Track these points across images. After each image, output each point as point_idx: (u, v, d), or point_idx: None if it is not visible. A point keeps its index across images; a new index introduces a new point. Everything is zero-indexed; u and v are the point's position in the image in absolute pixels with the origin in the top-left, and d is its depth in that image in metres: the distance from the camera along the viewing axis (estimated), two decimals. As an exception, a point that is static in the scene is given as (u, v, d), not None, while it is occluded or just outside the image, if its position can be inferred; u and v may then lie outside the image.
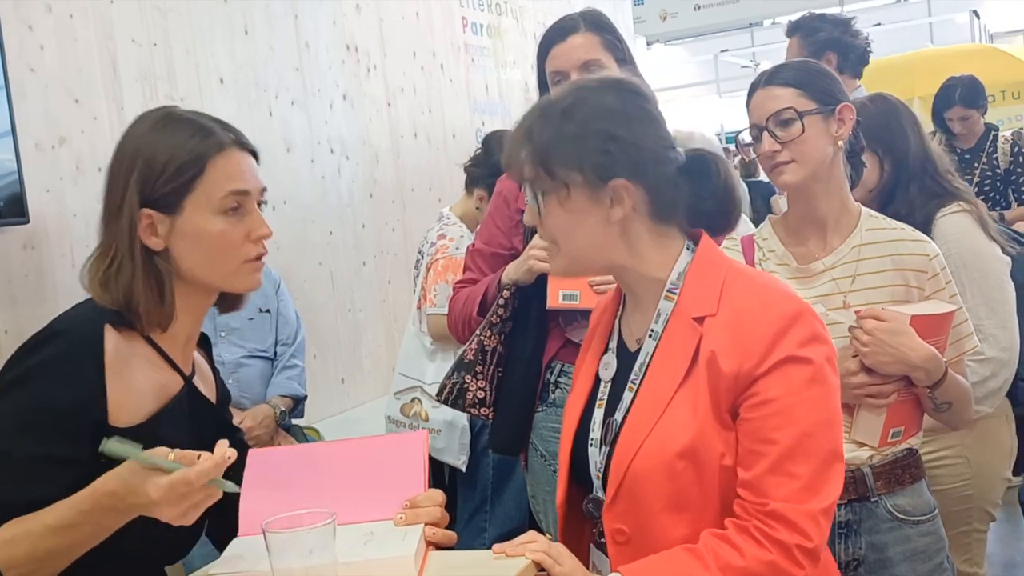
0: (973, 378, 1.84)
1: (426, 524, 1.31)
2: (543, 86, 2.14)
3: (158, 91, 3.11)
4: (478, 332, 2.07)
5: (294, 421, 3.03)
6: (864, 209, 1.81)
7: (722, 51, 13.47)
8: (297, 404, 3.05)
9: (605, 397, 1.39)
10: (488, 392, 2.10)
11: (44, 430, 1.24)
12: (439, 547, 1.33)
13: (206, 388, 1.48)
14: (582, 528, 1.44)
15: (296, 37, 3.77)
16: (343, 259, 3.94)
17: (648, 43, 11.41)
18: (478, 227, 3.39)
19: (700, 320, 1.28)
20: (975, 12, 12.02)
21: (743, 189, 1.32)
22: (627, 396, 1.34)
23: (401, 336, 3.40)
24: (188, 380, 1.41)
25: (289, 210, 3.66)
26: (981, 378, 1.92)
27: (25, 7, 2.72)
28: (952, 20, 12.49)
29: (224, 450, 1.19)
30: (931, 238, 1.84)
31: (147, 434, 1.28)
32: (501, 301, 2.04)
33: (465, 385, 2.09)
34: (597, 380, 1.42)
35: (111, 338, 1.28)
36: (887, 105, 2.09)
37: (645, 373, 1.32)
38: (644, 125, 1.32)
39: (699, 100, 13.47)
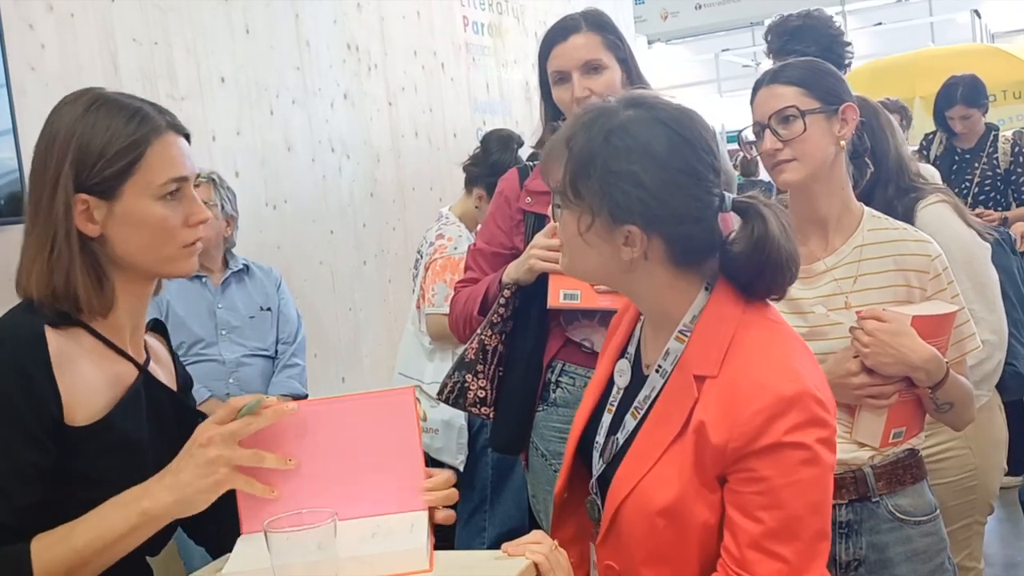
0: (968, 362, 1.85)
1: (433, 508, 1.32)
2: (544, 85, 2.14)
3: (159, 90, 3.11)
4: (479, 331, 2.07)
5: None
6: (867, 209, 1.81)
7: (723, 50, 13.46)
8: (298, 403, 3.06)
9: (616, 404, 1.38)
10: (489, 391, 2.10)
11: (8, 441, 1.22)
12: (438, 526, 1.33)
13: (164, 375, 1.46)
14: (577, 519, 1.44)
15: (297, 36, 3.77)
16: (344, 258, 3.94)
17: (649, 42, 11.41)
18: (478, 227, 3.40)
19: (701, 380, 1.24)
20: (976, 12, 12.00)
21: (789, 260, 1.28)
22: (629, 422, 1.33)
23: (401, 335, 3.40)
24: (142, 368, 1.39)
25: (290, 209, 3.66)
26: (976, 361, 1.93)
27: (26, 6, 2.72)
28: (953, 20, 12.48)
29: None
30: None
31: (104, 431, 1.29)
32: (502, 300, 2.04)
33: (466, 384, 2.09)
34: (611, 382, 1.41)
35: (52, 338, 1.26)
36: (867, 106, 2.10)
37: (647, 413, 1.31)
38: (680, 179, 1.23)
39: (700, 99, 13.47)
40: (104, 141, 1.29)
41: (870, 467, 1.70)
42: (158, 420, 1.38)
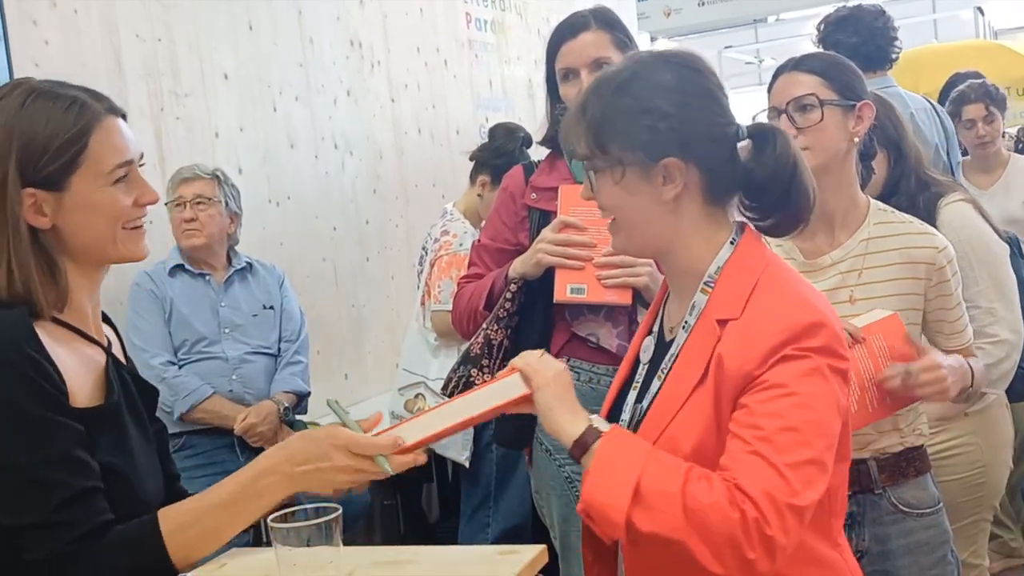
0: (988, 360, 1.87)
1: None
2: (551, 82, 2.13)
3: (162, 86, 3.11)
4: (484, 326, 2.07)
5: (297, 417, 3.04)
6: (873, 203, 1.81)
7: (726, 47, 13.43)
8: (301, 400, 3.06)
9: (640, 380, 1.37)
10: (494, 386, 2.10)
11: (60, 421, 1.24)
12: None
13: (120, 357, 1.47)
14: None
15: (300, 32, 3.77)
16: (346, 255, 3.95)
17: (652, 39, 11.38)
18: (483, 222, 3.40)
19: (723, 323, 1.25)
20: (979, 9, 11.99)
21: (811, 182, 1.31)
22: (655, 385, 1.32)
23: (404, 332, 3.40)
24: (108, 350, 1.40)
25: (293, 206, 3.66)
26: (996, 359, 1.94)
27: (30, 2, 2.72)
28: (956, 16, 12.46)
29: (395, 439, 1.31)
30: (936, 227, 1.85)
31: (107, 414, 1.31)
32: (508, 295, 2.04)
33: (471, 378, 2.09)
34: (637, 362, 1.40)
35: (39, 329, 1.27)
36: (881, 100, 2.11)
37: (671, 368, 1.30)
38: (699, 102, 1.28)
39: (703, 97, 13.41)
40: (47, 135, 1.28)
41: (873, 459, 1.70)
42: (128, 399, 1.40)
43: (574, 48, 2.06)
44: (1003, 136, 4.14)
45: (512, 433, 2.15)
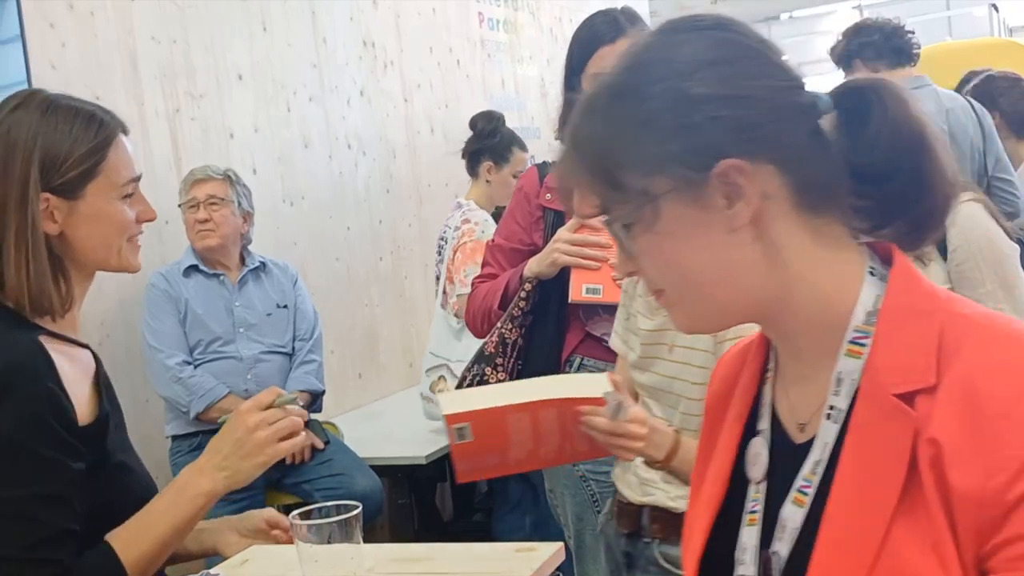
0: None
1: None
2: (574, 80, 2.07)
3: (177, 88, 3.13)
4: (499, 325, 2.09)
5: (312, 416, 3.05)
6: None
7: (738, 46, 13.43)
8: (315, 399, 3.07)
9: (759, 509, 0.87)
10: (508, 385, 2.11)
11: (56, 459, 1.27)
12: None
13: None
14: None
15: (314, 33, 3.78)
16: (360, 254, 3.96)
17: (663, 38, 11.39)
18: (495, 207, 3.44)
19: (909, 399, 0.77)
20: (994, 6, 11.93)
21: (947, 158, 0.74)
22: (793, 514, 0.83)
23: (417, 330, 3.42)
24: (92, 350, 1.44)
25: (306, 206, 3.68)
26: None
27: (47, 4, 2.74)
28: (971, 13, 12.40)
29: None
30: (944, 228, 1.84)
31: (104, 425, 1.35)
32: (523, 294, 2.05)
33: (485, 377, 2.10)
34: (735, 478, 0.91)
35: (48, 347, 1.31)
36: None
37: (829, 481, 0.81)
38: (744, 66, 0.81)
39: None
40: (69, 144, 1.34)
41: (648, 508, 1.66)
42: (111, 395, 1.44)
43: (615, 52, 2.02)
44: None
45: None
